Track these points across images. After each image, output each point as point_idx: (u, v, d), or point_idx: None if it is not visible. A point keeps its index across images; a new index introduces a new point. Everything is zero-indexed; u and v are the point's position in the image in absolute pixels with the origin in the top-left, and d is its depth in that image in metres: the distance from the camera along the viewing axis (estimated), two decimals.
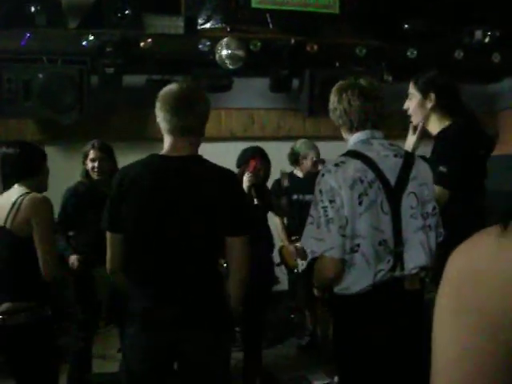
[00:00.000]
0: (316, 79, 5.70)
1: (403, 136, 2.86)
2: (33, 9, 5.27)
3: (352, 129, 2.29)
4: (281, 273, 4.75)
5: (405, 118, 2.87)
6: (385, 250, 2.16)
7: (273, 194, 4.38)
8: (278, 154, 4.70)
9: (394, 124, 3.56)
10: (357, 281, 2.17)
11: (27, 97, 5.24)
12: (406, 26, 5.77)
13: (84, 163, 3.95)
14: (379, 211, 2.15)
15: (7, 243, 2.63)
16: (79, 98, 5.31)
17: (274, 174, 4.33)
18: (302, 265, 4.66)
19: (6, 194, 2.70)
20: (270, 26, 5.74)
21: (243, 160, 3.90)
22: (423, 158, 2.44)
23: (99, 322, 4.21)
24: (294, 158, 4.79)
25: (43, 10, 5.31)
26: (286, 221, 4.73)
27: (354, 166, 2.16)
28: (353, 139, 2.30)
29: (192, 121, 2.19)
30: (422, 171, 2.27)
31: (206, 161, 2.24)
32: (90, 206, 3.79)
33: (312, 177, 4.25)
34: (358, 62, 5.79)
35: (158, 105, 2.22)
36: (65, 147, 6.02)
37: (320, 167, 4.33)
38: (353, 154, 2.24)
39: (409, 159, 2.27)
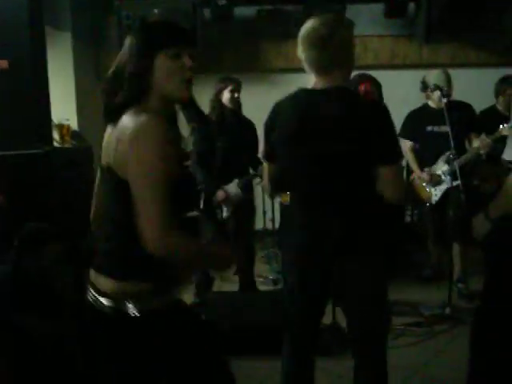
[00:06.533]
0: (434, 2, 5.38)
1: None
2: None
3: None
4: None
5: None
6: None
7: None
8: (393, 83, 4.57)
9: None
10: None
11: None
12: None
13: (218, 96, 4.20)
14: None
15: None
16: (193, 31, 5.41)
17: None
18: (435, 195, 4.62)
19: None
20: None
21: (353, 86, 3.82)
22: None
23: None
24: (423, 88, 4.62)
25: None
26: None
27: None
28: None
29: (331, 56, 2.16)
30: None
31: (352, 92, 2.27)
32: (220, 134, 4.14)
33: (448, 108, 4.10)
34: None
35: (299, 45, 2.23)
36: None
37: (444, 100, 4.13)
38: None
39: None
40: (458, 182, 4.11)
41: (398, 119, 4.40)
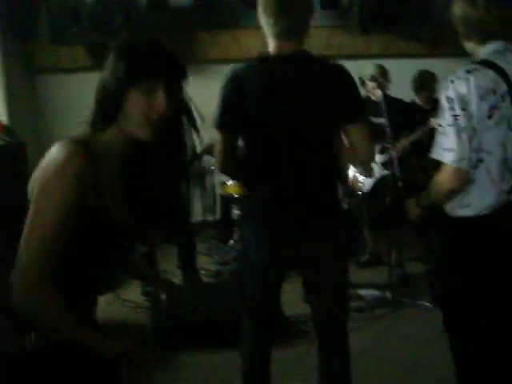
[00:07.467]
0: None
1: None
2: None
3: (486, 39, 2.12)
4: None
5: None
6: (506, 169, 2.08)
7: None
8: None
9: None
10: (480, 198, 2.09)
11: (76, 22, 5.26)
12: None
13: None
14: (506, 128, 2.06)
15: None
16: (127, 20, 5.29)
17: None
18: (365, 185, 4.73)
19: None
20: None
21: None
22: None
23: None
24: (361, 83, 4.70)
25: None
26: None
27: (488, 75, 2.03)
28: (486, 49, 2.13)
29: (295, 22, 2.16)
30: None
31: (312, 55, 2.26)
32: None
33: (386, 101, 4.24)
34: None
35: (259, 9, 2.20)
36: None
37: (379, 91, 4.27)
38: (486, 63, 2.07)
39: None
40: (388, 172, 4.24)
41: None
